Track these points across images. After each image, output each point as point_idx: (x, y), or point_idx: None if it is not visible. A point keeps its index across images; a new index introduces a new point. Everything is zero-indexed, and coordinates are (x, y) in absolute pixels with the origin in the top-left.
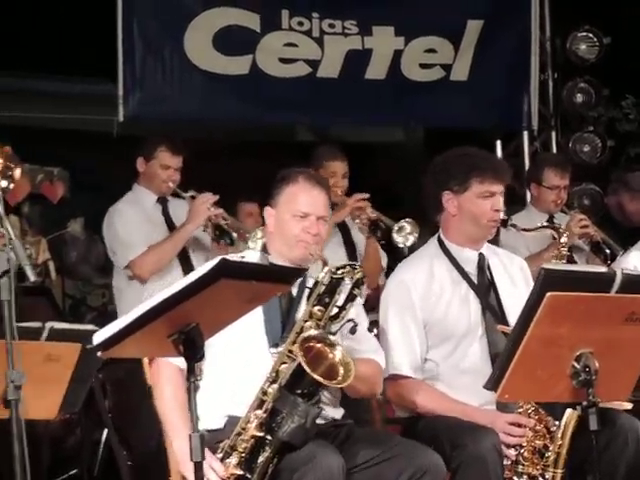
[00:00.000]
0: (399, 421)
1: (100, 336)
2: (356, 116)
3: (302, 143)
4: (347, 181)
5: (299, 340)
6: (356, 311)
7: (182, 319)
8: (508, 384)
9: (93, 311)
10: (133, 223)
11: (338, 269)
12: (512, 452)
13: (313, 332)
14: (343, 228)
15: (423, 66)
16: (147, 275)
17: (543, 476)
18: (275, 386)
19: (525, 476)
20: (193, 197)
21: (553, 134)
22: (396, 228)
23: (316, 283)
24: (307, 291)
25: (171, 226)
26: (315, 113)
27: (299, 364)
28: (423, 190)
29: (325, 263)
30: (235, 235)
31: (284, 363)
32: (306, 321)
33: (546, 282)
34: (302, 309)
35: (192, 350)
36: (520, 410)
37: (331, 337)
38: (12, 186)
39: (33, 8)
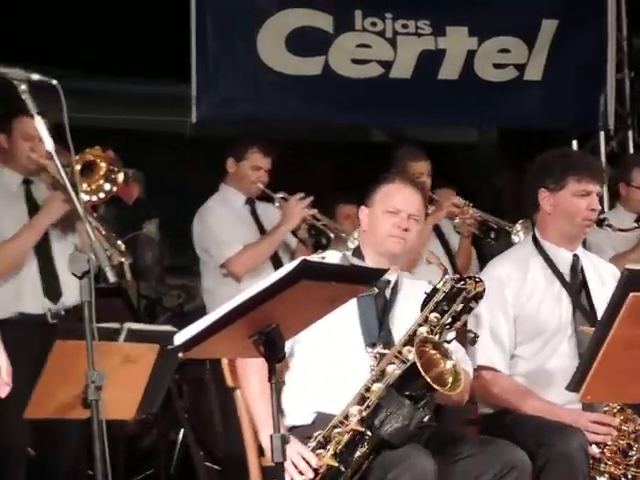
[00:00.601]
0: (478, 422)
1: (182, 337)
2: (429, 117)
3: (377, 144)
4: (429, 180)
5: (417, 341)
6: None
7: (263, 320)
8: (590, 386)
9: (168, 312)
10: (226, 222)
11: (460, 280)
12: (595, 450)
13: (435, 337)
14: (435, 228)
15: (497, 66)
16: (242, 274)
17: (625, 476)
18: (380, 385)
19: (607, 475)
20: (284, 198)
21: (630, 134)
22: (513, 230)
23: (435, 290)
24: (404, 294)
25: (261, 227)
26: (387, 114)
27: (412, 366)
28: (520, 188)
29: (446, 272)
30: (332, 235)
31: (391, 363)
32: (421, 325)
33: (630, 282)
34: (396, 312)
35: (273, 351)
36: (605, 409)
37: (446, 346)
38: (115, 189)
39: (106, 9)
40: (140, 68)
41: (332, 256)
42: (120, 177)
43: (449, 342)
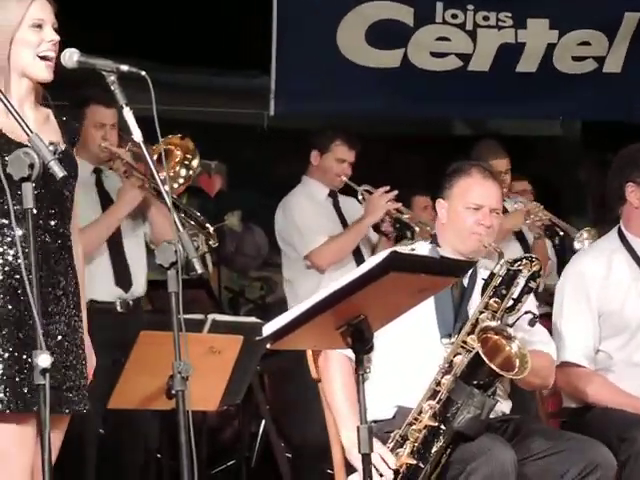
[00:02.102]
0: (561, 414)
1: (270, 327)
2: (506, 109)
3: (459, 137)
4: (509, 176)
5: (477, 330)
6: (530, 302)
7: (351, 311)
8: None
9: (250, 303)
10: (310, 214)
11: (515, 261)
12: None
13: (492, 323)
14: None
15: (576, 59)
16: (326, 266)
17: None
18: (449, 377)
19: None
20: (368, 191)
21: None
22: (577, 237)
23: (492, 275)
24: (480, 282)
25: (343, 220)
26: (464, 106)
27: (476, 355)
28: (607, 181)
29: (501, 255)
30: (417, 229)
31: (458, 354)
32: (482, 312)
33: None
34: (474, 301)
35: (361, 342)
36: None
37: (509, 329)
38: (191, 173)
39: (187, 1)
40: (219, 60)
41: (421, 247)
42: (194, 163)
43: (511, 326)
